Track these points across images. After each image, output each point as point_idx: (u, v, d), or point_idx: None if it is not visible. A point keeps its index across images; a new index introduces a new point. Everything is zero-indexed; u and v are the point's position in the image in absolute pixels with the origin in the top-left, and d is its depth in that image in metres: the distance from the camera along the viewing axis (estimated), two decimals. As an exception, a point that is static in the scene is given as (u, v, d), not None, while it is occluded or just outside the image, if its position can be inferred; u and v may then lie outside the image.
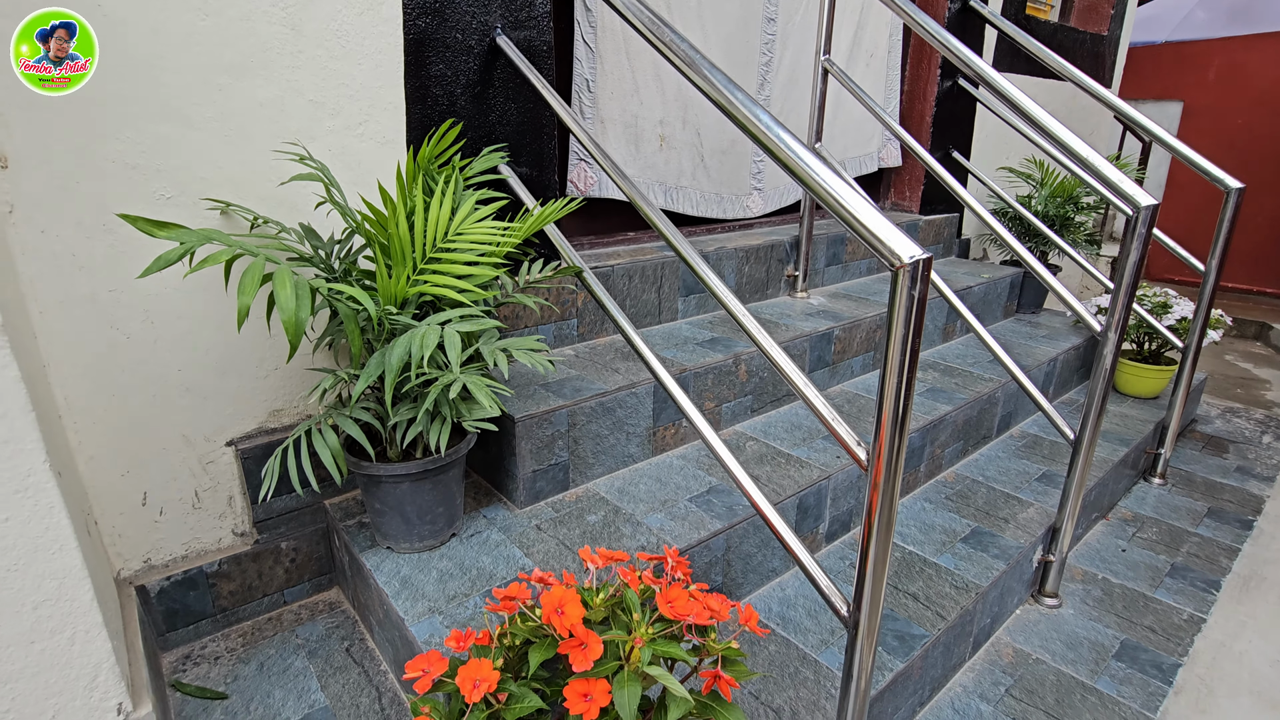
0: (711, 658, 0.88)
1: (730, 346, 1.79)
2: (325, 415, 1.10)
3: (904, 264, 0.85)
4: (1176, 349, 2.32)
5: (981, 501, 1.86)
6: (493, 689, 0.78)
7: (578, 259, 1.37)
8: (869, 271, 2.61)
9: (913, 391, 0.91)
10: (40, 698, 0.88)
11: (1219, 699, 1.52)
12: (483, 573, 1.22)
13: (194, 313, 1.20)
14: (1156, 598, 1.79)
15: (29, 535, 0.83)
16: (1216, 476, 2.43)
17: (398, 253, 1.03)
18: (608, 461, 1.53)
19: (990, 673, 1.53)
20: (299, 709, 1.18)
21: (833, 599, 1.04)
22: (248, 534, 1.37)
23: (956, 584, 1.53)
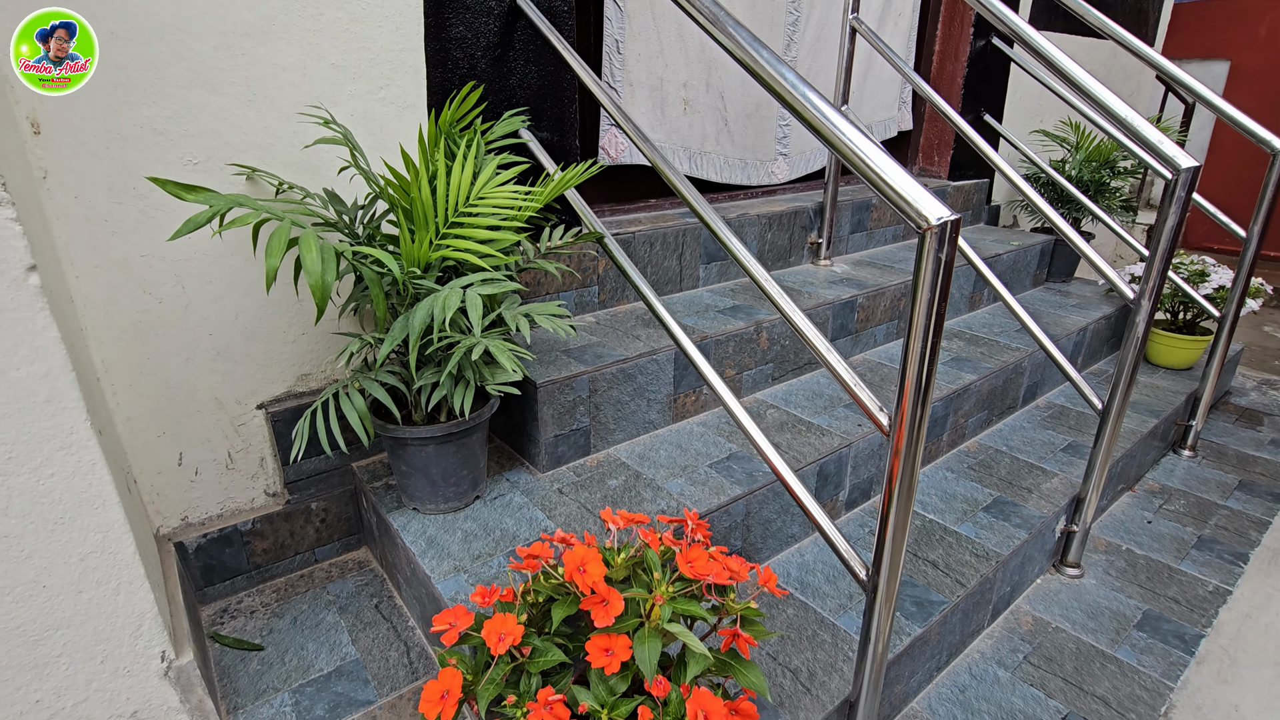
0: (730, 617, 0.89)
1: (752, 314, 1.78)
2: (352, 379, 1.12)
3: (931, 226, 0.83)
4: (1213, 318, 2.25)
5: (1004, 471, 1.84)
6: (517, 642, 0.81)
7: (599, 225, 1.36)
8: (894, 239, 2.57)
9: (937, 357, 0.90)
10: (90, 644, 0.92)
11: (1242, 669, 1.51)
12: (506, 534, 1.25)
13: (222, 278, 1.23)
14: (1181, 569, 1.78)
15: (74, 490, 0.86)
16: (1249, 449, 2.38)
17: (420, 217, 1.04)
18: (628, 428, 1.55)
19: (1009, 640, 1.54)
20: (331, 660, 1.23)
21: (852, 563, 1.05)
22: (279, 494, 1.41)
23: (977, 552, 1.53)
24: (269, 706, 1.14)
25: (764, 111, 2.22)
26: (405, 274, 1.03)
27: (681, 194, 1.18)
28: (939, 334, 0.87)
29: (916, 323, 0.87)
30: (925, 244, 0.84)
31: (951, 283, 2.43)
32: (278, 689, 1.17)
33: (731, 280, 2.07)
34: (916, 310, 0.87)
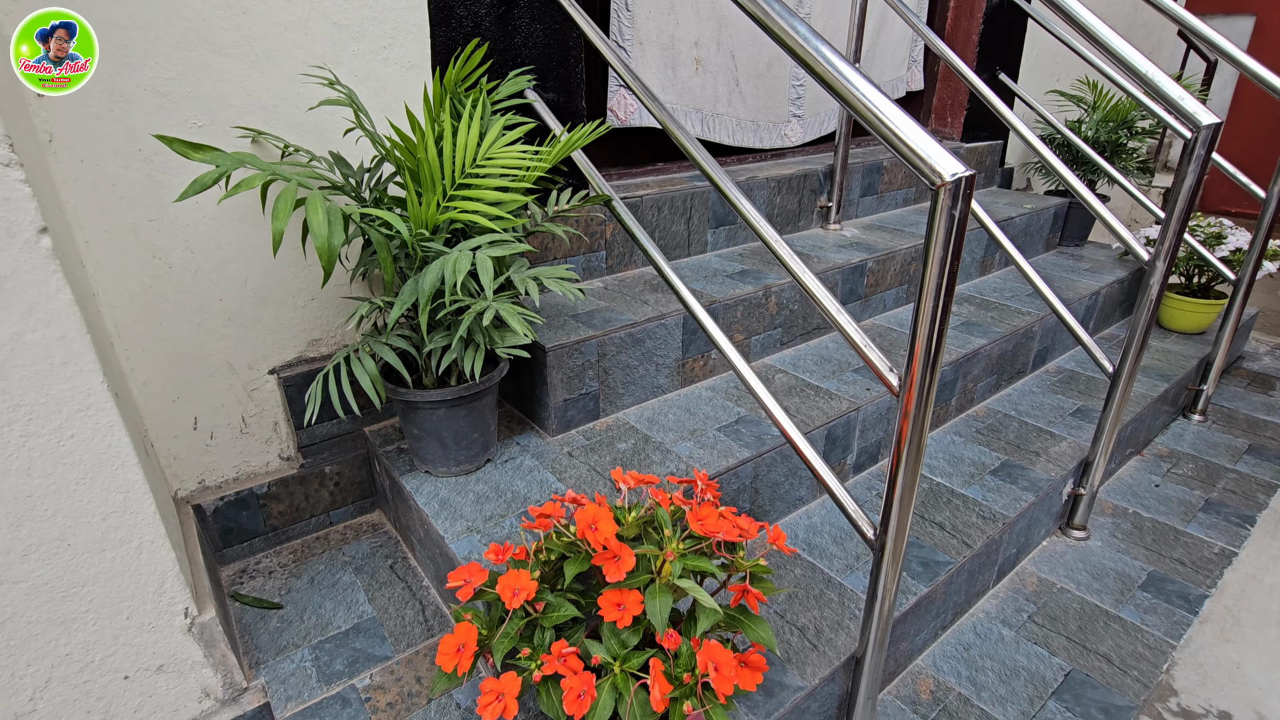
0: (739, 574, 0.90)
1: (760, 279, 1.77)
2: (363, 343, 1.12)
3: (945, 182, 0.82)
4: (1228, 282, 2.22)
5: (1013, 435, 1.84)
6: (531, 597, 0.82)
7: (607, 187, 1.35)
8: (905, 202, 2.53)
9: (948, 317, 0.89)
10: (115, 600, 0.95)
11: (1245, 629, 1.53)
12: (517, 496, 1.27)
13: (230, 242, 1.23)
14: (1188, 532, 1.79)
15: (93, 451, 0.88)
16: (1260, 414, 2.36)
17: (427, 178, 1.03)
18: (637, 392, 1.55)
19: (1014, 600, 1.56)
20: (349, 619, 1.26)
21: (860, 523, 1.06)
22: (293, 459, 1.43)
23: (983, 514, 1.54)
24: (289, 661, 1.17)
25: (776, 71, 2.17)
26: (414, 236, 1.02)
27: (692, 156, 1.17)
28: (951, 293, 0.87)
29: (928, 282, 0.86)
30: (939, 201, 0.83)
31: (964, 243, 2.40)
32: (297, 645, 1.20)
33: (739, 245, 2.05)
34: (929, 269, 0.86)
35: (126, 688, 1.00)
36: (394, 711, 1.08)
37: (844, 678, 1.19)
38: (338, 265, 1.35)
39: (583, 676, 0.79)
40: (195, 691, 1.06)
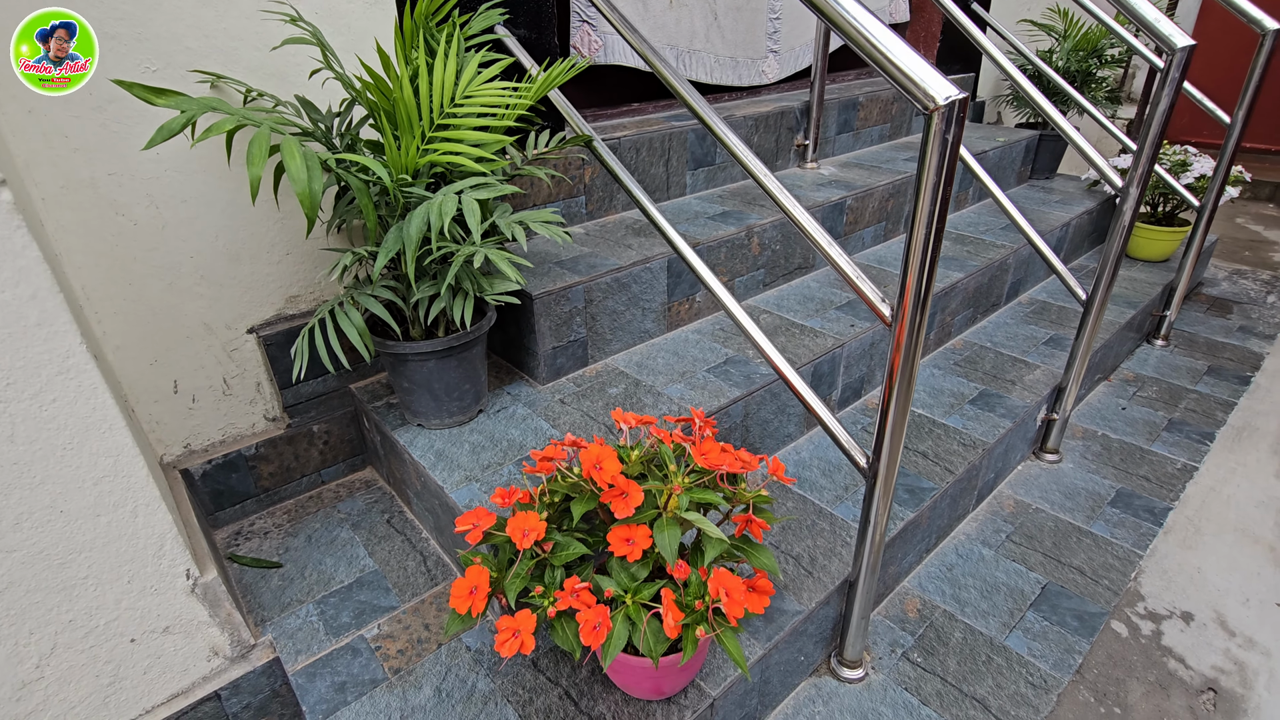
0: (742, 505, 0.92)
1: (742, 220, 1.76)
2: (346, 295, 1.09)
3: (939, 105, 0.81)
4: (1192, 209, 2.28)
5: (989, 366, 1.89)
6: (540, 537, 0.83)
7: (587, 128, 1.31)
8: (880, 139, 2.52)
9: (940, 245, 0.90)
10: (114, 565, 0.94)
11: (1205, 537, 1.63)
12: (513, 444, 1.27)
13: (197, 195, 1.17)
14: (1153, 450, 1.87)
15: (78, 415, 0.85)
16: (1219, 336, 2.46)
17: (404, 120, 0.99)
18: (624, 337, 1.55)
19: (992, 521, 1.63)
20: (350, 573, 1.27)
21: (852, 452, 1.09)
22: (279, 419, 1.40)
23: (964, 442, 1.59)
24: (295, 617, 1.18)
25: (754, 3, 2.11)
26: (395, 180, 0.99)
27: (678, 92, 1.14)
28: (943, 221, 0.87)
29: (921, 209, 0.87)
30: (932, 125, 0.82)
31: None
32: (301, 601, 1.21)
33: (719, 186, 2.03)
34: (921, 196, 0.86)
35: (134, 650, 0.99)
36: (405, 658, 1.10)
37: (838, 601, 1.24)
38: (311, 218, 1.30)
39: (597, 609, 0.81)
40: (203, 650, 1.06)
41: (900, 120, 2.55)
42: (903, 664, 1.29)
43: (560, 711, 1.00)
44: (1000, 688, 1.24)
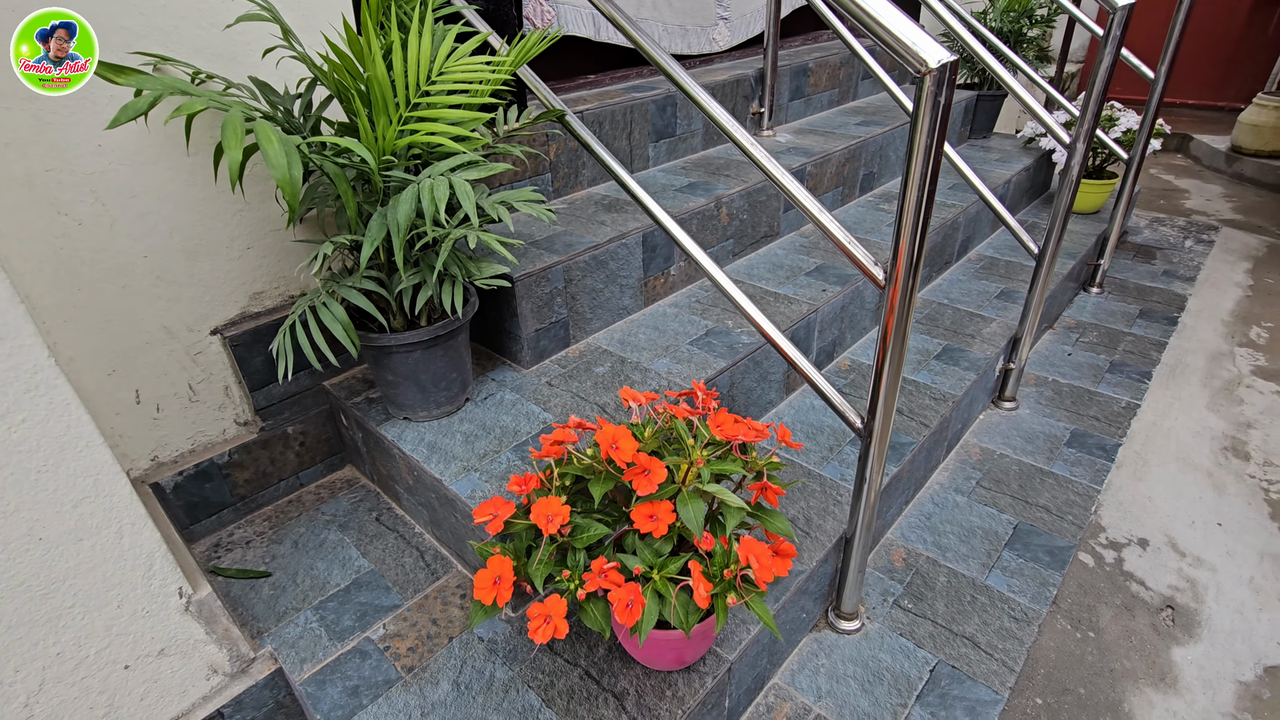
0: (755, 472, 0.94)
1: (710, 190, 1.76)
2: (325, 288, 1.04)
3: (931, 69, 0.82)
4: (1121, 161, 2.41)
5: (949, 321, 1.97)
6: (565, 521, 0.83)
7: (558, 102, 1.27)
8: (830, 104, 2.55)
9: (933, 205, 0.92)
10: (102, 590, 0.88)
11: (1152, 468, 1.76)
12: (506, 430, 1.25)
13: (147, 190, 1.08)
14: (1099, 391, 2.00)
15: (52, 434, 0.79)
16: (1147, 281, 2.63)
17: (379, 99, 0.93)
18: (604, 315, 1.54)
19: (962, 470, 1.71)
20: (345, 575, 1.23)
21: (847, 414, 1.12)
22: (251, 422, 1.33)
23: (935, 396, 1.66)
24: (294, 626, 1.14)
25: (697, -30, 2.08)
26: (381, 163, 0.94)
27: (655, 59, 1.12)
28: (936, 180, 0.89)
29: (914, 171, 0.88)
30: (924, 88, 0.84)
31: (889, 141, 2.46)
32: (298, 608, 1.16)
33: (681, 158, 2.02)
34: (914, 157, 0.87)
35: (128, 678, 0.94)
36: (416, 655, 1.08)
37: (834, 558, 1.28)
38: (274, 206, 1.22)
39: (628, 587, 0.81)
40: (201, 670, 1.01)
41: (847, 85, 2.59)
42: (895, 611, 1.35)
43: (583, 691, 1.01)
44: (986, 624, 1.32)
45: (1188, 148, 4.27)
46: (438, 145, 1.01)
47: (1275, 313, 2.45)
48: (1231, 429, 1.89)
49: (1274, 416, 1.94)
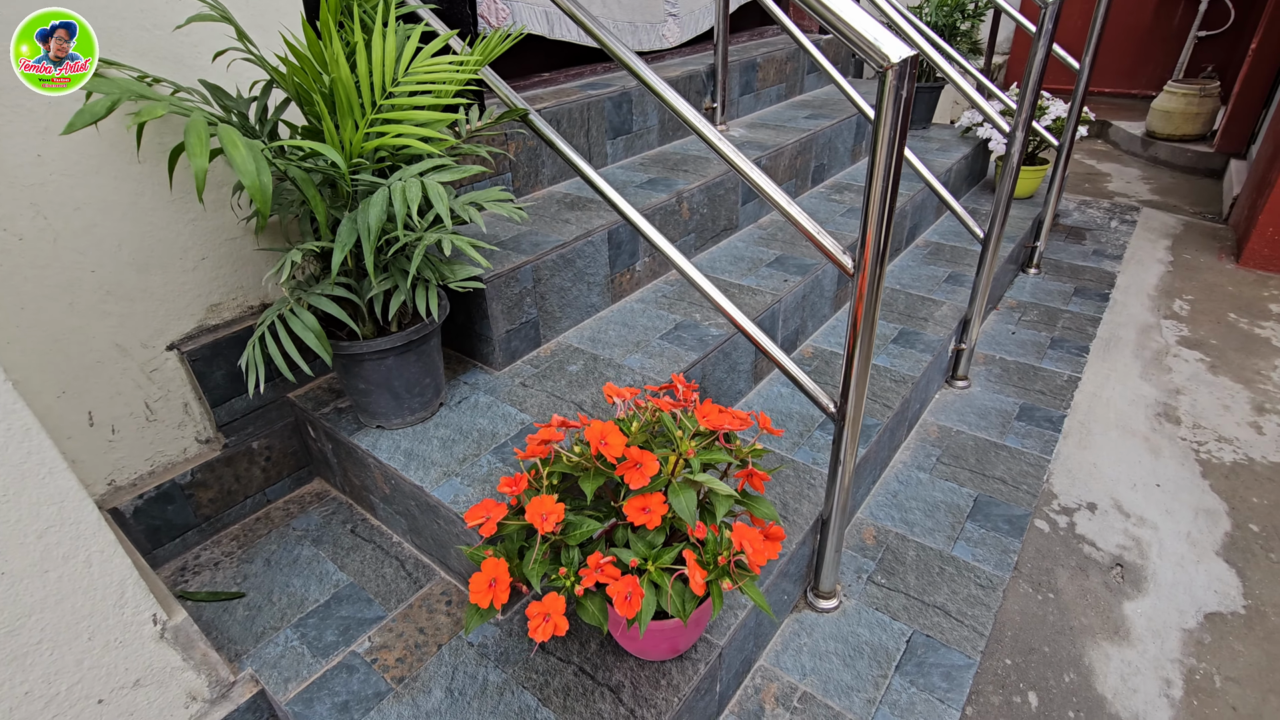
0: (740, 459, 0.96)
1: (670, 185, 1.77)
2: (293, 296, 1.01)
3: (893, 64, 0.86)
4: (1052, 148, 2.54)
5: (903, 306, 2.04)
6: (560, 519, 0.83)
7: (520, 100, 1.27)
8: (778, 99, 2.60)
9: (898, 194, 0.96)
10: (70, 623, 0.84)
11: (1095, 436, 1.87)
12: (484, 433, 1.24)
13: (92, 201, 1.03)
14: (1043, 367, 2.11)
15: (11, 462, 0.74)
16: (1078, 260, 2.78)
17: (344, 101, 0.91)
18: (573, 313, 1.54)
19: (922, 448, 1.78)
20: (324, 590, 1.20)
21: (820, 399, 1.15)
22: (213, 440, 1.28)
23: (895, 378, 1.72)
24: (274, 645, 1.10)
25: (645, -32, 2.10)
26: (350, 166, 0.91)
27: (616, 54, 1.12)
28: (900, 170, 0.93)
29: (879, 162, 0.91)
30: (886, 82, 0.87)
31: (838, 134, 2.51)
32: (277, 627, 1.13)
33: (637, 154, 2.03)
34: (879, 149, 0.91)
35: (103, 712, 0.90)
36: (406, 666, 1.07)
37: (812, 539, 1.32)
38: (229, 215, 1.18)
39: (626, 580, 0.82)
40: (180, 698, 0.97)
41: (794, 79, 2.65)
42: (869, 587, 1.40)
43: (579, 687, 1.01)
44: (955, 593, 1.38)
45: (1107, 134, 4.52)
46: (404, 148, 0.99)
47: (1194, 286, 2.63)
48: (1163, 396, 2.02)
49: (1199, 383, 2.08)
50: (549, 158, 1.73)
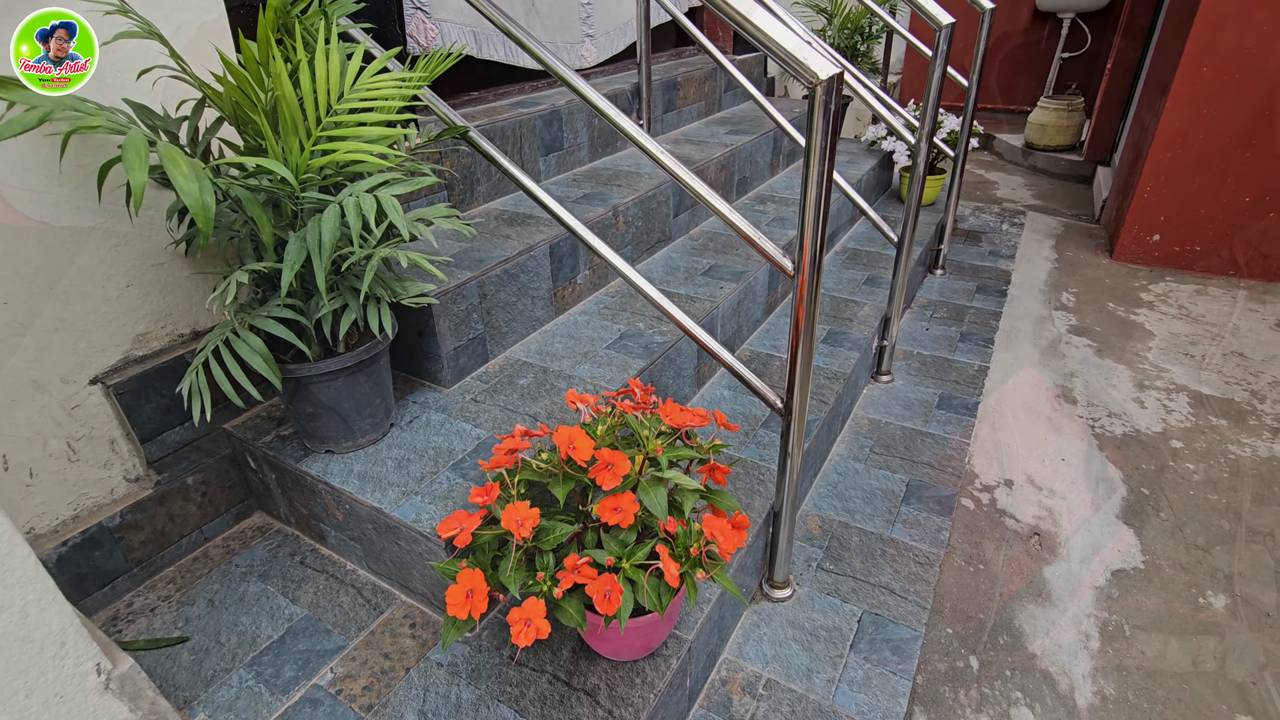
0: (702, 455, 1.00)
1: (606, 200, 1.82)
2: (237, 318, 0.98)
3: (821, 80, 0.93)
4: (949, 158, 2.76)
5: (829, 308, 2.16)
6: (535, 524, 0.84)
7: (459, 118, 1.28)
8: (698, 116, 2.71)
9: (830, 200, 1.03)
10: (6, 680, 0.77)
11: (1006, 419, 2.03)
12: (440, 451, 1.23)
13: (2, 225, 0.96)
14: (956, 359, 2.28)
15: (-62, 507, 0.69)
16: (978, 261, 3.03)
17: (287, 119, 0.90)
18: (519, 328, 1.54)
19: (856, 440, 1.89)
20: (277, 625, 1.15)
21: (768, 396, 1.22)
22: (144, 478, 1.21)
23: (828, 375, 1.82)
24: (227, 688, 1.05)
25: (565, -11, 2.15)
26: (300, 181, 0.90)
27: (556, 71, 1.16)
28: (831, 178, 1.00)
29: (812, 171, 0.99)
30: (816, 98, 0.94)
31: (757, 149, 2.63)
32: (229, 669, 1.07)
33: (569, 170, 2.06)
34: (812, 158, 0.98)
35: (42, 776, 0.83)
36: (373, 693, 1.04)
37: (765, 533, 1.38)
38: (155, 239, 1.13)
39: (604, 579, 0.84)
40: (127, 753, 0.91)
41: (713, 97, 2.76)
42: (819, 574, 1.47)
43: (555, 695, 1.02)
44: (898, 572, 1.47)
45: (992, 145, 4.93)
46: (349, 164, 0.99)
47: (1077, 280, 2.91)
48: (1060, 379, 2.23)
49: (1089, 366, 2.31)
50: (484, 175, 1.73)
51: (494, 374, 1.45)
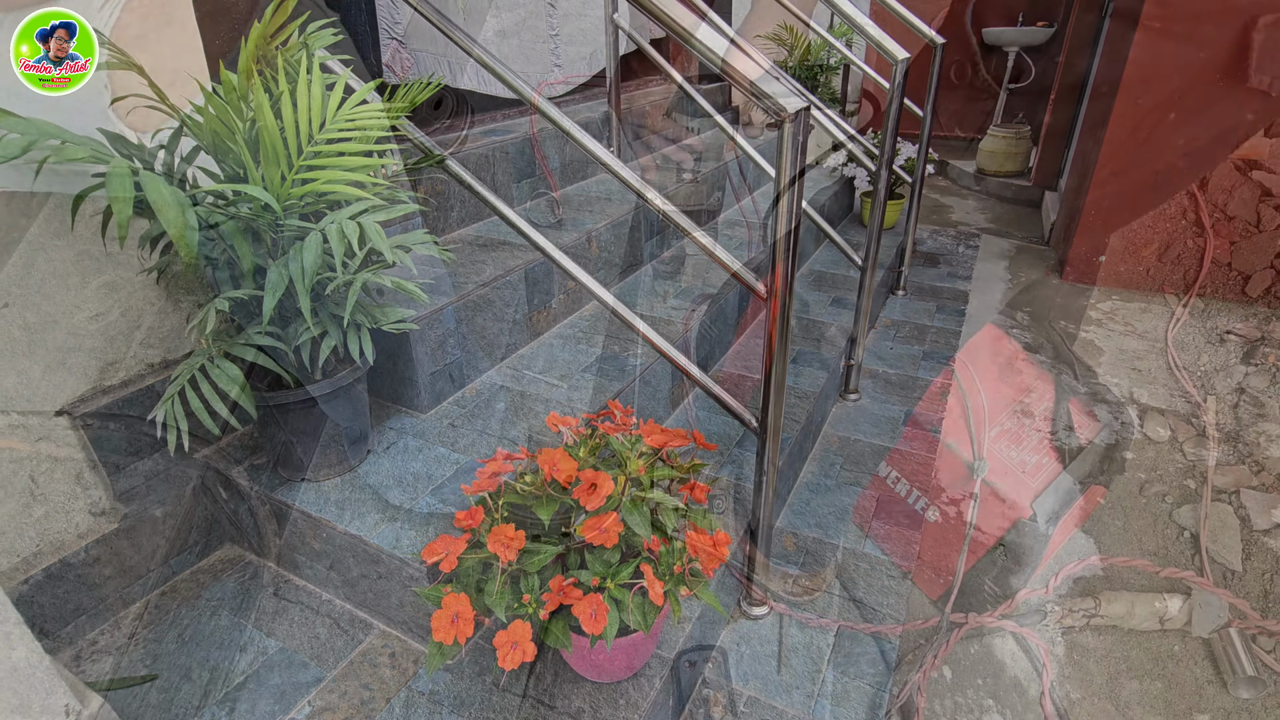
0: (682, 475, 1.02)
1: (579, 225, 1.85)
2: (214, 347, 0.97)
3: (790, 114, 0.98)
4: (907, 184, 2.87)
5: (797, 330, 2.22)
6: (522, 546, 0.85)
7: (436, 146, 1.30)
8: (665, 144, 2.77)
9: (800, 225, 1.08)
10: (-30, 724, 0.75)
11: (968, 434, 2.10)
12: (419, 476, 1.22)
13: (-31, 258, 0.95)
14: (919, 376, 2.35)
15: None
16: (936, 282, 3.14)
17: (269, 149, 0.91)
18: (495, 353, 1.55)
19: (827, 457, 1.93)
20: (253, 660, 1.12)
21: (744, 415, 1.25)
22: (109, 511, 1.18)
23: (799, 394, 1.86)
24: (199, 726, 1.02)
25: (534, 21, 2.19)
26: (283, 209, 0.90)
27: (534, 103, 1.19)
28: (800, 203, 1.05)
29: (783, 198, 1.04)
30: (785, 129, 0.99)
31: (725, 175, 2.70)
32: (201, 706, 1.05)
33: (544, 196, 2.09)
34: (782, 186, 1.03)
35: (5, 826, 0.79)
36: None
37: (742, 551, 1.40)
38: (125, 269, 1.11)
39: (589, 599, 0.85)
40: (95, 798, 0.88)
41: (679, 126, 2.83)
42: (795, 590, 1.49)
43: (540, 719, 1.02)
44: (871, 586, 1.51)
45: (946, 171, 5.14)
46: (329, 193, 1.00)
47: (1030, 299, 3.04)
48: (1018, 395, 2.32)
49: (1043, 382, 2.40)
50: (458, 201, 1.75)
51: (471, 399, 1.45)
